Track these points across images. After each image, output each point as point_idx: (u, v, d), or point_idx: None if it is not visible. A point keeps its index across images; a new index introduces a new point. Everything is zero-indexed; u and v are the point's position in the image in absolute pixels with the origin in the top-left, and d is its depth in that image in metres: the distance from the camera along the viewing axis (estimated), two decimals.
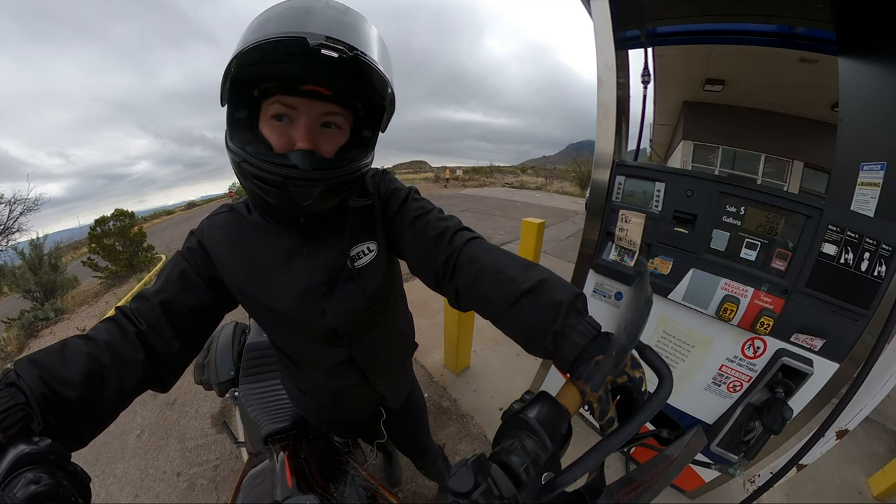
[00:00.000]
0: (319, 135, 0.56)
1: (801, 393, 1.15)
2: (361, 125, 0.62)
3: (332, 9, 0.51)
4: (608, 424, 0.42)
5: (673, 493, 1.61)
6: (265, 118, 0.55)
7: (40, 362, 0.46)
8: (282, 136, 0.55)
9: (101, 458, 2.07)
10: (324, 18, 0.49)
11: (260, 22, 0.50)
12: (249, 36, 0.48)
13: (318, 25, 0.48)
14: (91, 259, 7.10)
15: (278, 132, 0.55)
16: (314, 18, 0.48)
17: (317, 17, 0.49)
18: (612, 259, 1.45)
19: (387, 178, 0.73)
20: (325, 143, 0.57)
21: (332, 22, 0.49)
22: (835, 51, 1.18)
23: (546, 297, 0.49)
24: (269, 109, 0.55)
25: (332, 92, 0.55)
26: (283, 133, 0.55)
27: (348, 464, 0.83)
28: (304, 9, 0.50)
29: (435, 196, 14.66)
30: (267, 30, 0.48)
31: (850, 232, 1.01)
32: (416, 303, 2.67)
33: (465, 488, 0.33)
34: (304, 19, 0.48)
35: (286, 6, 0.50)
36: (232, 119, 0.55)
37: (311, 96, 0.54)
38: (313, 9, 0.50)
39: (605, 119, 1.35)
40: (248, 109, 0.56)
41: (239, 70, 0.51)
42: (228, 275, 0.64)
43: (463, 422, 2.09)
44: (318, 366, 0.77)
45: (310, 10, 0.49)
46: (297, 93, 0.54)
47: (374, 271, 0.70)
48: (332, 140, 0.58)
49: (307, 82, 0.53)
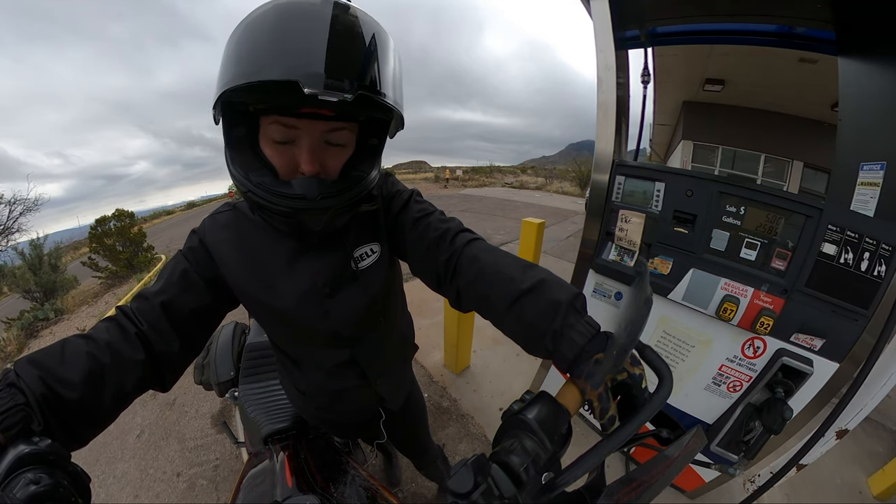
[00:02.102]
0: (324, 153, 0.53)
1: (801, 393, 1.15)
2: (367, 133, 0.59)
3: (338, 26, 0.44)
4: (609, 423, 0.42)
5: (673, 493, 1.61)
6: (265, 138, 0.52)
7: (40, 362, 0.46)
8: (284, 158, 0.52)
9: (101, 459, 2.06)
10: (323, 48, 0.43)
11: (250, 47, 0.45)
12: (238, 63, 0.44)
13: (317, 59, 0.42)
14: (91, 259, 7.10)
15: (281, 154, 0.52)
16: (313, 49, 0.43)
17: (316, 46, 0.43)
18: (612, 259, 1.45)
19: (389, 181, 0.73)
20: (331, 160, 0.54)
21: (334, 52, 0.43)
22: (835, 51, 1.18)
23: (545, 297, 0.49)
24: (269, 130, 0.51)
25: (334, 112, 0.51)
26: (285, 155, 0.52)
27: (348, 464, 0.83)
28: (303, 34, 0.44)
29: (435, 196, 14.66)
30: (257, 61, 0.43)
31: (849, 232, 1.01)
32: (416, 303, 2.67)
33: (465, 488, 0.33)
34: (302, 51, 0.43)
35: (281, 26, 0.44)
36: (230, 138, 0.52)
37: (312, 117, 0.50)
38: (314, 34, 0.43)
39: (604, 119, 1.35)
40: (245, 126, 0.52)
41: (233, 95, 0.47)
42: (230, 274, 0.64)
43: (463, 422, 2.09)
44: (319, 366, 0.77)
45: (309, 36, 0.43)
46: (296, 114, 0.49)
47: (377, 272, 0.70)
48: (337, 157, 0.55)
49: (306, 106, 0.48)
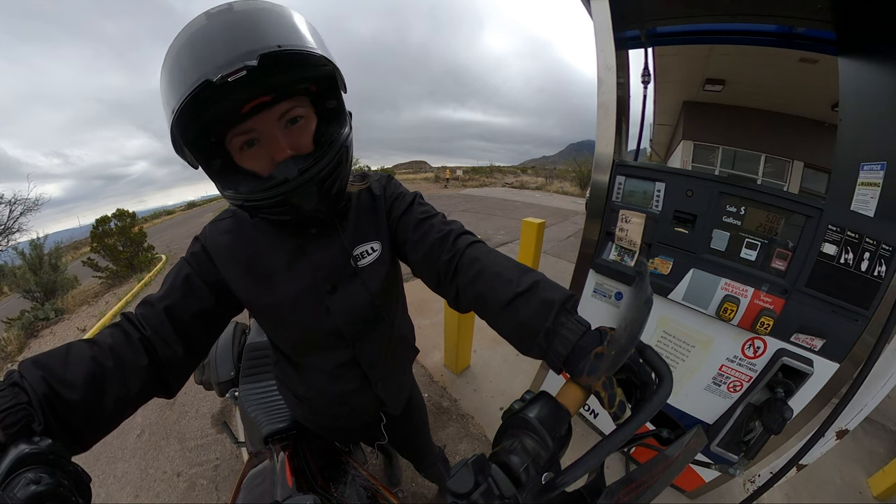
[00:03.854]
0: (290, 135, 0.54)
1: (802, 393, 1.15)
2: (322, 99, 0.58)
3: (217, 22, 0.46)
4: (620, 410, 0.41)
5: (673, 493, 1.61)
6: (236, 153, 0.54)
7: (44, 364, 0.46)
8: (261, 160, 0.54)
9: (102, 458, 2.07)
10: (213, 44, 0.45)
11: (165, 86, 0.48)
12: (167, 104, 0.47)
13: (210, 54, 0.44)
14: (91, 259, 7.10)
15: (255, 158, 0.54)
16: (207, 51, 0.45)
17: (208, 47, 0.45)
18: (612, 259, 1.45)
19: (392, 183, 0.76)
20: (297, 138, 0.55)
21: (225, 41, 0.45)
22: (835, 51, 1.18)
23: (538, 296, 0.51)
24: (234, 144, 0.53)
25: (273, 95, 0.51)
26: (260, 156, 0.54)
27: (348, 464, 0.83)
28: (192, 47, 0.46)
29: (435, 196, 14.66)
30: (175, 93, 0.46)
31: (850, 232, 1.01)
32: (416, 303, 2.67)
33: (465, 488, 0.33)
34: (198, 59, 0.45)
35: (177, 54, 0.46)
36: (211, 172, 0.55)
37: (258, 111, 0.51)
38: (201, 41, 0.45)
39: (605, 119, 1.35)
40: (218, 156, 0.55)
41: (183, 136, 0.50)
42: (232, 279, 0.64)
43: (463, 422, 2.09)
44: (321, 368, 0.77)
45: (197, 46, 0.45)
46: (243, 118, 0.51)
47: (378, 270, 0.71)
48: (302, 133, 0.56)
49: (244, 103, 0.50)
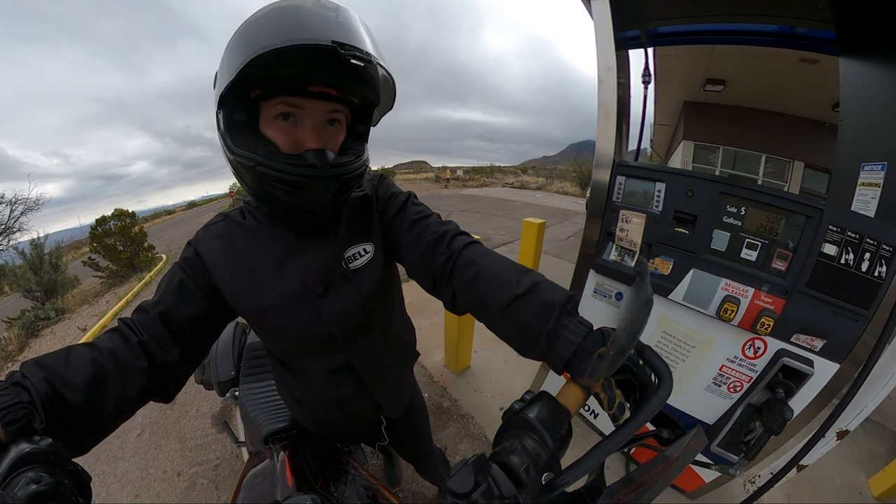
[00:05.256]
0: (325, 132, 0.56)
1: (802, 393, 1.15)
2: (355, 120, 0.63)
3: (325, 9, 0.48)
4: (619, 411, 0.41)
5: (673, 493, 1.61)
6: (267, 118, 0.54)
7: (46, 364, 0.47)
8: (289, 137, 0.54)
9: (102, 458, 2.07)
10: (325, 21, 0.47)
11: (258, 28, 0.47)
12: (253, 41, 0.46)
13: (322, 30, 0.46)
14: (91, 259, 7.10)
15: (285, 133, 0.54)
16: (316, 22, 0.47)
17: (318, 20, 0.47)
18: (612, 259, 1.45)
19: (385, 183, 0.74)
20: (330, 140, 0.57)
21: (334, 25, 0.47)
22: (835, 51, 1.18)
23: (539, 298, 0.51)
24: (273, 110, 0.53)
25: (339, 93, 0.55)
26: (289, 133, 0.54)
27: (349, 464, 0.83)
28: (304, 11, 0.47)
29: (435, 196, 14.66)
30: (268, 37, 0.46)
31: (850, 232, 1.01)
32: (416, 303, 2.67)
33: (465, 488, 0.33)
34: (309, 24, 0.46)
35: (282, 11, 0.48)
36: (230, 122, 0.54)
37: (319, 97, 0.54)
38: (312, 12, 0.47)
39: (605, 119, 1.35)
40: (246, 112, 0.54)
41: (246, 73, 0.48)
42: (224, 283, 0.64)
43: (463, 422, 2.09)
44: (315, 374, 0.76)
45: (309, 14, 0.47)
46: (303, 93, 0.53)
47: (370, 272, 0.70)
48: (335, 137, 0.58)
49: (316, 84, 0.53)
